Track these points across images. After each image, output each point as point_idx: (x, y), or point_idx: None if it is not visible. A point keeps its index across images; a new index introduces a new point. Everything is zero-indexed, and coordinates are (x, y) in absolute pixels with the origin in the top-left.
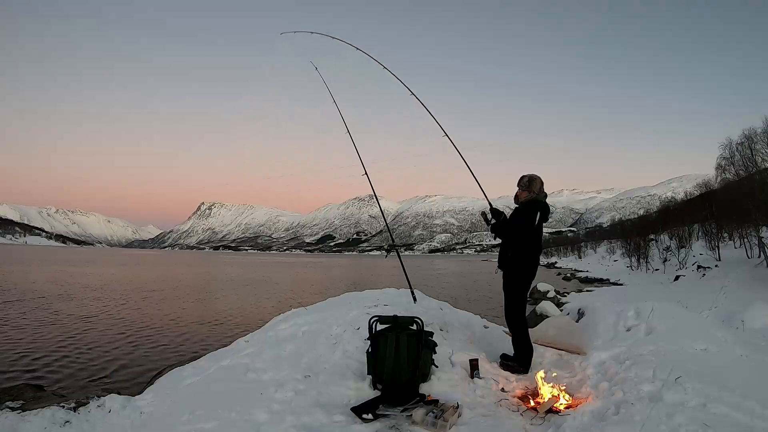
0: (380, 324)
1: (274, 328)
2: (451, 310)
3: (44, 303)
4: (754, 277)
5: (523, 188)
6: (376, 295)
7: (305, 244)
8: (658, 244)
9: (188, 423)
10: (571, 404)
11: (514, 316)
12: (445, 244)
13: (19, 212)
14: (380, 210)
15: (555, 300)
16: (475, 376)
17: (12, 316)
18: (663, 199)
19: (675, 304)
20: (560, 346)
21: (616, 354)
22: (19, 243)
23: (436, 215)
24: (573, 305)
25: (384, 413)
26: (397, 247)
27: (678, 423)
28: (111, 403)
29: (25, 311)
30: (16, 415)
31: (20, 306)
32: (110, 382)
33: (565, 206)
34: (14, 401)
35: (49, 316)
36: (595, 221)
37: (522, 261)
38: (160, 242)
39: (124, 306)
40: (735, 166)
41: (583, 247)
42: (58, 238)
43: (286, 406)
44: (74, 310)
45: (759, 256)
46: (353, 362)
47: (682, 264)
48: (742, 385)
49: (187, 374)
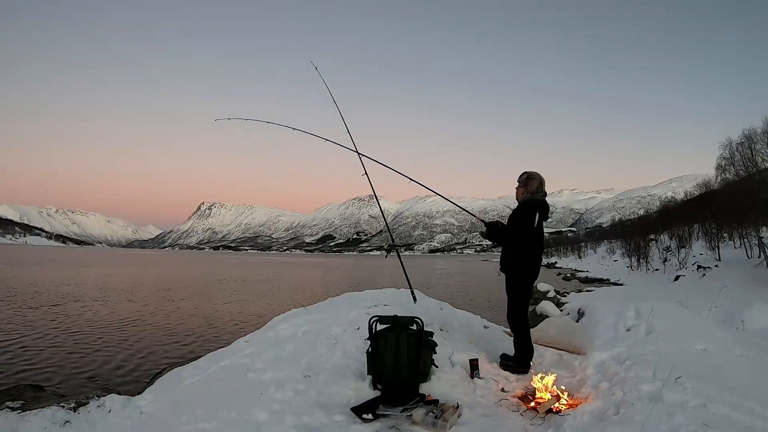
0: (380, 324)
1: (274, 328)
2: (451, 310)
3: (44, 303)
4: (754, 277)
5: (521, 184)
6: (376, 295)
7: (305, 244)
8: (658, 244)
9: (188, 423)
10: (571, 404)
11: (517, 317)
12: (445, 244)
13: (19, 212)
14: (380, 210)
15: (555, 300)
16: (475, 376)
17: (12, 316)
18: (663, 199)
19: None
20: (560, 346)
21: (616, 354)
22: (19, 243)
23: (436, 215)
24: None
25: (384, 413)
26: (397, 247)
27: (678, 423)
28: (111, 403)
29: (25, 311)
30: (16, 415)
31: (20, 306)
32: (110, 382)
33: (565, 206)
34: (14, 401)
35: (49, 316)
36: (595, 221)
37: (523, 262)
38: (160, 242)
39: (124, 306)
40: (735, 166)
41: (583, 247)
42: (58, 238)
43: (286, 406)
44: (74, 310)
45: (759, 256)
46: (353, 362)
47: (682, 264)
48: (742, 385)
49: (187, 374)
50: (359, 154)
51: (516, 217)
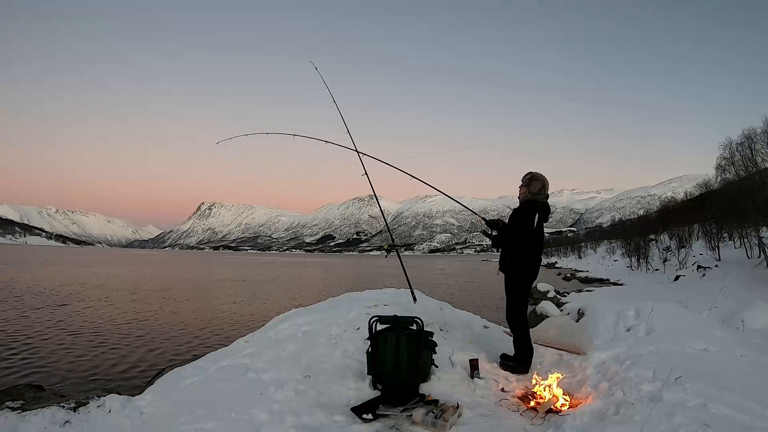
0: (380, 324)
1: (274, 328)
2: (451, 310)
3: (44, 303)
4: (754, 277)
5: (524, 185)
6: (376, 295)
7: (305, 244)
8: (658, 244)
9: (188, 423)
10: (571, 404)
11: (516, 317)
12: (445, 244)
13: (19, 212)
14: (380, 210)
15: (555, 300)
16: (475, 376)
17: (12, 316)
18: (663, 199)
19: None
20: (560, 346)
21: (616, 354)
22: (19, 243)
23: (436, 215)
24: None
25: (384, 413)
26: (397, 247)
27: (678, 423)
28: (111, 403)
29: (25, 311)
30: (16, 415)
31: (20, 306)
32: (110, 382)
33: (565, 206)
34: (14, 401)
35: (50, 316)
36: (595, 221)
37: (522, 263)
38: (160, 242)
39: (124, 306)
40: (735, 166)
41: (583, 247)
42: (58, 238)
43: (286, 406)
44: (74, 310)
45: (759, 256)
46: (353, 362)
47: (682, 264)
48: (742, 385)
49: (187, 374)
50: (359, 153)
51: (516, 216)
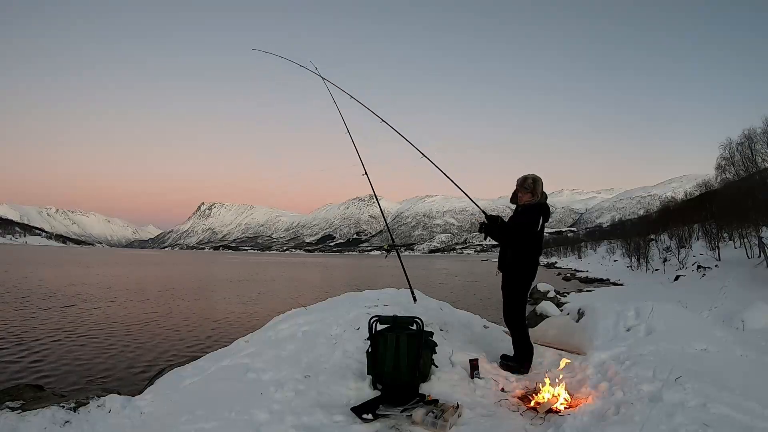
0: (380, 324)
1: (274, 328)
2: (451, 310)
3: (44, 303)
4: (754, 277)
5: (527, 190)
6: (376, 295)
7: (305, 244)
8: (658, 244)
9: (188, 423)
10: (571, 404)
11: (514, 317)
12: (445, 244)
13: (19, 212)
14: (380, 210)
15: (555, 300)
16: (475, 376)
17: (12, 316)
18: (663, 199)
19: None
20: (560, 346)
21: (616, 354)
22: (19, 243)
23: (436, 215)
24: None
25: (384, 413)
26: (397, 247)
27: (678, 423)
28: (111, 403)
29: (25, 311)
30: (16, 415)
31: (20, 306)
32: (110, 382)
33: (565, 206)
34: (14, 401)
35: (50, 316)
36: (595, 221)
37: (521, 263)
38: (160, 242)
39: (124, 306)
40: (735, 166)
41: (583, 247)
42: (58, 238)
43: (286, 406)
44: (74, 310)
45: (759, 256)
46: (353, 362)
47: (682, 264)
48: (742, 385)
49: (187, 374)
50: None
51: (522, 221)
